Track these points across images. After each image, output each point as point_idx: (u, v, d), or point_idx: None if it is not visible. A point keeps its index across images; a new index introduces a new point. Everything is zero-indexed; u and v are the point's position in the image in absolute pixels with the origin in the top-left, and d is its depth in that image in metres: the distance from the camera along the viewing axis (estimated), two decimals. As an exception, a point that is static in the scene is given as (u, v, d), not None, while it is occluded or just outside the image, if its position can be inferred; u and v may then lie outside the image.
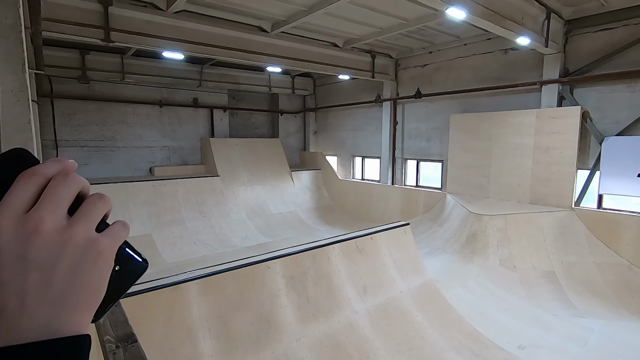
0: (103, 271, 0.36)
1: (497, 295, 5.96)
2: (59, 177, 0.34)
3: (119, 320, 0.95)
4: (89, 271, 0.34)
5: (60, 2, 5.81)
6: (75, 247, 0.33)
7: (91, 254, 0.34)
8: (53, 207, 0.33)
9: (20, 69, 2.02)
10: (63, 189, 0.34)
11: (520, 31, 6.22)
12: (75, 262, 0.33)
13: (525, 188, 7.99)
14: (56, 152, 9.43)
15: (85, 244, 0.34)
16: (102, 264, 0.35)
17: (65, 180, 0.34)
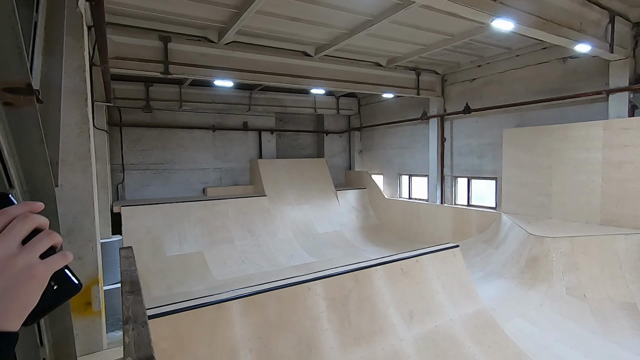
0: (33, 290, 0.45)
1: (565, 329, 5.32)
2: (20, 217, 0.46)
3: (143, 342, 1.00)
4: (21, 289, 0.44)
5: (127, 42, 6.53)
6: (14, 270, 0.44)
7: (26, 276, 0.45)
8: (6, 239, 0.45)
9: (84, 104, 2.26)
10: (19, 226, 0.45)
11: (580, 38, 5.77)
12: (12, 281, 0.44)
13: (595, 207, 7.18)
14: (123, 175, 10.38)
15: (22, 268, 0.45)
16: (33, 284, 0.45)
17: (24, 220, 0.46)
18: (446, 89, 10.77)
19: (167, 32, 6.91)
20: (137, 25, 6.61)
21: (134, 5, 5.83)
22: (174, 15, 6.28)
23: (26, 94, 1.16)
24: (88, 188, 2.28)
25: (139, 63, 6.70)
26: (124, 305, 1.32)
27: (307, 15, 6.45)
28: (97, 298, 2.13)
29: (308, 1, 5.89)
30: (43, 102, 1.26)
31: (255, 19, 6.42)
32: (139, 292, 1.50)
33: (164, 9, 6.06)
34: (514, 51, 8.72)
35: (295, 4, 5.99)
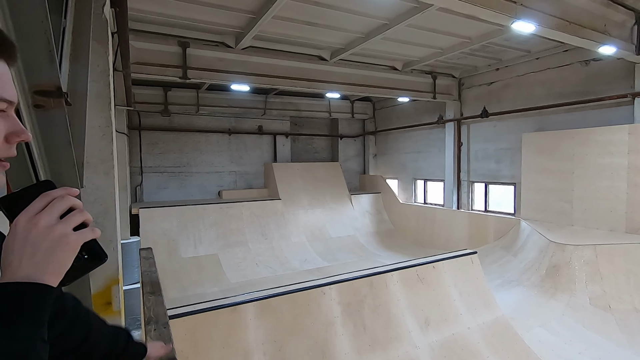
0: (67, 254, 0.56)
1: (589, 340, 5.12)
2: (59, 197, 0.58)
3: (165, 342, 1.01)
4: (57, 252, 0.55)
5: (147, 48, 6.69)
6: (53, 237, 0.55)
7: (62, 243, 0.56)
8: (48, 213, 0.56)
9: (107, 107, 2.32)
10: (58, 204, 0.57)
11: (604, 40, 5.60)
12: (51, 246, 0.55)
13: (620, 215, 6.92)
14: (141, 178, 10.60)
15: (59, 236, 0.56)
16: (67, 250, 0.56)
17: (61, 200, 0.58)
18: (463, 92, 10.62)
19: (186, 38, 7.04)
20: (157, 32, 6.77)
21: (154, 12, 5.97)
22: (193, 21, 6.40)
23: (56, 96, 1.19)
24: (110, 190, 2.33)
25: (159, 68, 6.85)
26: (145, 305, 1.33)
27: (323, 19, 6.48)
28: (117, 298, 2.16)
29: (324, 6, 5.92)
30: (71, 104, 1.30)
31: (271, 24, 6.48)
32: (160, 293, 1.51)
33: (184, 15, 6.19)
34: (534, 54, 8.54)
35: (311, 9, 6.03)
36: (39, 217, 0.55)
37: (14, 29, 0.99)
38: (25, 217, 0.55)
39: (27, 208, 0.56)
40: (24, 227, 0.55)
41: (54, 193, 0.58)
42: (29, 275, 0.53)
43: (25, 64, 1.08)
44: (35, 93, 1.13)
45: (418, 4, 5.68)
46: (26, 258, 0.53)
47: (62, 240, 0.56)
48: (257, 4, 5.81)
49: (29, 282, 0.52)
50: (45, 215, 0.56)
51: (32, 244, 0.54)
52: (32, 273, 0.53)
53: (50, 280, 0.54)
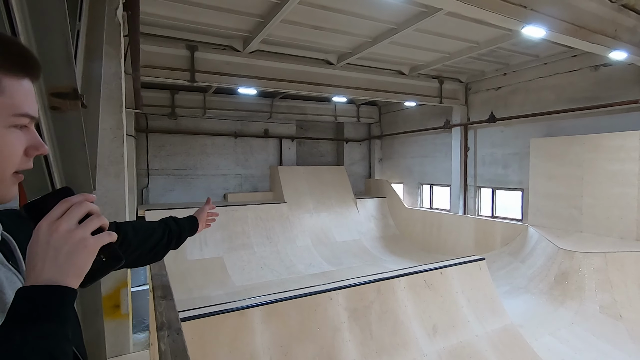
0: (86, 258, 0.59)
1: (599, 350, 5.03)
2: (77, 203, 0.61)
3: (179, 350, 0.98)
4: (77, 256, 0.58)
5: (156, 51, 6.74)
6: (73, 241, 0.58)
7: (81, 246, 0.59)
8: (68, 219, 0.59)
9: (119, 109, 2.32)
10: (77, 210, 0.61)
11: (615, 45, 5.54)
12: (71, 249, 0.58)
13: (630, 222, 6.82)
14: (147, 180, 10.65)
15: (79, 239, 0.59)
16: (86, 253, 0.59)
17: (80, 205, 0.61)
18: (470, 97, 10.57)
19: (195, 42, 7.09)
20: (166, 35, 6.82)
21: (163, 15, 6.02)
22: (201, 25, 6.44)
23: (72, 98, 1.19)
24: (120, 192, 2.32)
25: (167, 71, 6.89)
26: (157, 310, 1.32)
27: (330, 24, 6.49)
28: (126, 301, 2.15)
29: (332, 10, 5.93)
30: (87, 107, 1.30)
31: (279, 28, 6.51)
32: (171, 297, 1.50)
33: (192, 19, 6.23)
34: (542, 59, 8.48)
35: (319, 13, 6.04)
36: (60, 222, 0.59)
37: (33, 31, 0.99)
38: (47, 223, 0.59)
39: (49, 214, 0.59)
40: (46, 232, 0.58)
41: (72, 199, 0.61)
42: (52, 278, 0.56)
43: (43, 66, 1.07)
44: (52, 95, 1.12)
45: (427, 8, 5.68)
46: (49, 261, 0.57)
47: (81, 244, 0.59)
48: (266, 8, 5.83)
49: (53, 284, 0.56)
50: (65, 221, 0.59)
51: (54, 248, 0.57)
52: (55, 276, 0.56)
53: (72, 283, 0.58)
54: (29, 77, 0.63)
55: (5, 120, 0.60)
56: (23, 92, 0.62)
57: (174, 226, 1.34)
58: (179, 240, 1.35)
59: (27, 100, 0.63)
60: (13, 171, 0.63)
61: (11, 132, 0.61)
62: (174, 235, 1.32)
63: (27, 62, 0.63)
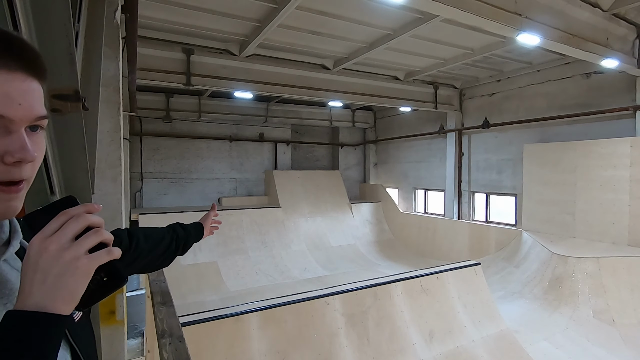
0: (78, 280, 0.52)
1: (594, 355, 5.05)
2: (74, 217, 0.54)
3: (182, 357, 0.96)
4: (67, 278, 0.52)
5: (152, 54, 6.71)
6: (63, 262, 0.52)
7: (72, 267, 0.52)
8: (60, 236, 0.53)
9: (116, 112, 2.29)
10: (72, 225, 0.53)
11: (606, 53, 5.65)
12: (60, 271, 0.51)
13: (622, 227, 6.90)
14: (141, 184, 10.54)
15: (69, 260, 0.52)
16: (78, 275, 0.52)
17: (77, 219, 0.54)
18: (464, 103, 10.67)
19: (191, 45, 7.07)
20: (162, 38, 6.79)
21: (160, 18, 6.00)
22: (198, 28, 6.43)
23: (73, 100, 1.17)
24: (117, 196, 2.29)
25: (163, 74, 6.85)
26: (157, 317, 1.29)
27: (327, 29, 6.52)
28: (121, 307, 2.11)
29: (330, 15, 5.96)
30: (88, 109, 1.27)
31: (276, 33, 6.52)
32: (171, 303, 1.47)
33: (189, 23, 6.21)
34: (535, 66, 8.61)
35: (316, 18, 6.07)
36: (51, 239, 0.52)
37: (36, 31, 0.97)
38: (39, 240, 0.53)
39: (43, 229, 0.53)
40: (36, 251, 0.52)
41: (71, 211, 0.54)
42: (38, 304, 0.50)
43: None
44: (53, 97, 1.10)
45: (423, 14, 5.74)
46: (36, 285, 0.51)
47: (72, 265, 0.52)
48: (263, 12, 5.84)
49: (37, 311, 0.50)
50: (56, 238, 0.52)
51: (42, 270, 0.51)
52: (42, 301, 0.51)
53: (61, 309, 0.51)
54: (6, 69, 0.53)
55: None
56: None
57: (181, 232, 1.35)
58: (185, 246, 1.35)
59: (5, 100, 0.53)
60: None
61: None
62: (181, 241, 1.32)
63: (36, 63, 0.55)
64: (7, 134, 0.54)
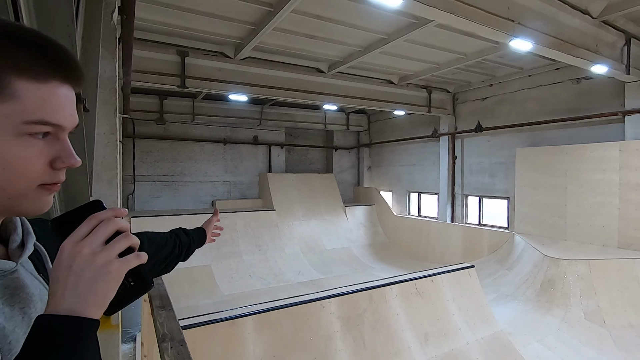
0: (110, 284, 0.53)
1: (585, 356, 5.12)
2: (105, 221, 0.55)
3: (185, 362, 0.96)
4: (100, 282, 0.52)
5: (146, 56, 6.66)
6: (96, 266, 0.52)
7: (104, 271, 0.53)
8: (92, 240, 0.54)
9: (113, 114, 2.27)
10: (103, 229, 0.55)
11: (596, 59, 5.77)
12: (93, 275, 0.52)
13: (612, 230, 7.02)
14: (133, 186, 10.43)
15: (102, 264, 0.53)
16: (110, 279, 0.53)
17: (107, 223, 0.55)
18: (457, 107, 10.79)
19: (185, 47, 7.04)
20: (156, 40, 6.75)
21: (155, 20, 5.96)
22: (193, 31, 6.40)
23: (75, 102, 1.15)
24: (113, 199, 2.26)
25: (157, 76, 6.81)
26: (157, 321, 1.27)
27: (323, 32, 6.55)
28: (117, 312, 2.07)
29: (325, 19, 5.99)
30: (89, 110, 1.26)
31: (271, 36, 6.52)
32: (171, 307, 1.45)
33: (184, 25, 6.19)
34: (527, 71, 8.75)
35: (312, 22, 6.09)
36: (83, 243, 0.53)
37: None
38: (70, 243, 0.53)
39: (73, 233, 0.54)
40: (69, 255, 0.53)
41: (100, 215, 0.55)
42: (71, 308, 0.51)
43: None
44: (54, 98, 1.08)
45: (417, 19, 5.80)
46: (69, 289, 0.51)
47: (104, 269, 0.53)
48: (259, 15, 5.85)
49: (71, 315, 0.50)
50: (89, 242, 0.53)
51: (75, 274, 0.52)
52: (74, 305, 0.51)
53: (93, 313, 0.52)
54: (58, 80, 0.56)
55: (16, 128, 0.53)
56: (41, 96, 0.54)
57: (184, 237, 1.33)
58: (188, 251, 1.34)
59: (47, 106, 0.54)
60: (36, 185, 0.56)
61: (22, 142, 0.53)
62: (184, 247, 1.30)
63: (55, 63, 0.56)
64: (56, 141, 0.58)
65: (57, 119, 0.56)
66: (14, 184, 0.54)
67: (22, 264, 0.62)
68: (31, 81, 0.53)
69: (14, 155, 0.53)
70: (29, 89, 0.53)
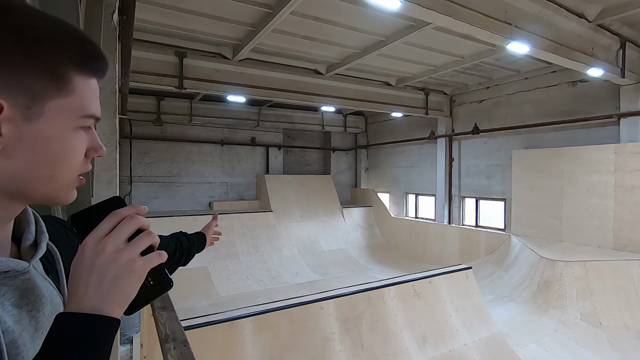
0: (133, 283, 0.52)
1: (581, 357, 5.15)
2: (127, 218, 0.54)
3: (188, 364, 0.96)
4: (123, 281, 0.52)
5: (144, 57, 6.65)
6: (120, 264, 0.52)
7: (128, 269, 0.52)
8: (116, 237, 0.53)
9: (112, 115, 2.27)
10: (126, 226, 0.54)
11: (592, 62, 5.82)
12: (117, 274, 0.51)
13: (608, 232, 7.08)
14: (130, 187, 10.38)
15: (126, 262, 0.52)
16: (133, 278, 0.52)
17: (130, 220, 0.54)
18: (454, 109, 10.84)
19: (184, 48, 7.04)
20: (154, 41, 6.74)
21: (153, 21, 5.95)
22: (191, 32, 6.40)
23: (78, 102, 1.15)
24: (112, 199, 2.25)
25: (155, 77, 6.80)
26: (158, 322, 1.27)
27: (321, 34, 6.57)
28: (116, 312, 2.07)
29: (324, 21, 6.01)
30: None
31: (270, 37, 6.53)
32: (172, 307, 1.45)
33: (182, 26, 6.19)
34: (523, 74, 8.81)
35: (311, 24, 6.11)
36: (107, 240, 0.52)
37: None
38: (94, 241, 0.52)
39: (96, 229, 0.53)
40: (92, 252, 0.52)
41: (123, 212, 0.54)
42: (95, 306, 0.50)
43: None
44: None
45: (415, 22, 5.83)
46: (92, 286, 0.51)
47: (128, 268, 0.52)
48: (258, 17, 5.86)
49: (95, 314, 0.50)
50: (112, 239, 0.52)
51: (99, 272, 0.51)
52: (98, 304, 0.50)
53: (115, 312, 0.51)
54: (97, 77, 0.59)
55: (74, 121, 0.55)
56: (90, 91, 0.57)
57: (185, 241, 1.30)
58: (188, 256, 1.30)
59: (94, 100, 0.58)
60: (77, 175, 0.58)
61: (77, 134, 0.56)
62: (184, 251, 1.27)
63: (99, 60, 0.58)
64: (90, 132, 0.59)
65: (98, 111, 0.59)
66: (65, 174, 0.56)
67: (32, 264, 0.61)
68: (84, 77, 0.56)
69: (72, 146, 0.56)
70: (83, 84, 0.55)
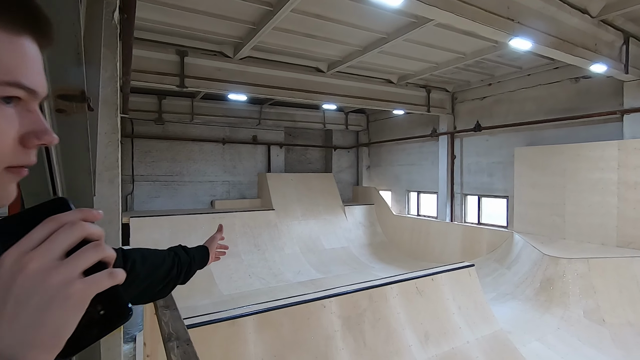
0: (68, 313, 0.37)
1: (585, 355, 5.13)
2: (66, 225, 0.39)
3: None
4: (53, 312, 0.36)
5: (145, 56, 6.65)
6: (48, 288, 0.37)
7: (60, 296, 0.37)
8: (45, 250, 0.37)
9: (114, 114, 2.27)
10: (62, 236, 0.38)
11: (595, 58, 5.78)
12: (44, 302, 0.36)
13: (611, 229, 7.05)
14: (132, 186, 10.41)
15: (57, 285, 0.37)
16: (68, 306, 0.37)
17: (70, 228, 0.39)
18: (456, 106, 10.80)
19: (185, 47, 7.03)
20: (156, 40, 6.74)
21: (154, 20, 5.95)
22: (192, 30, 6.39)
23: (79, 101, 1.15)
24: (115, 199, 2.26)
25: (156, 76, 6.80)
26: (161, 321, 1.27)
27: (322, 32, 6.55)
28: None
29: (325, 19, 5.99)
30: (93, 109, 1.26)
31: (271, 35, 6.52)
32: (175, 306, 1.45)
33: (183, 24, 6.18)
34: (525, 70, 8.77)
35: (312, 22, 6.09)
36: (32, 255, 0.37)
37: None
38: (14, 256, 0.37)
39: (20, 241, 0.38)
40: (9, 270, 0.37)
41: (61, 218, 0.40)
42: (5, 352, 0.35)
43: (51, 67, 1.04)
44: (59, 97, 1.08)
45: (417, 19, 5.80)
46: (6, 320, 0.35)
47: (60, 293, 0.37)
48: (258, 15, 5.84)
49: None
50: (39, 253, 0.37)
51: (16, 299, 0.36)
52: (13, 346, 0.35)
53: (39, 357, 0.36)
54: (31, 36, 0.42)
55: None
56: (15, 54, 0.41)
57: (184, 256, 1.20)
58: (188, 273, 1.20)
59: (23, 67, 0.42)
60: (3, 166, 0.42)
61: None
62: (183, 267, 1.17)
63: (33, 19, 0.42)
64: (27, 113, 0.43)
65: (32, 82, 0.43)
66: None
67: None
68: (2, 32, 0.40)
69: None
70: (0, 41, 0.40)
